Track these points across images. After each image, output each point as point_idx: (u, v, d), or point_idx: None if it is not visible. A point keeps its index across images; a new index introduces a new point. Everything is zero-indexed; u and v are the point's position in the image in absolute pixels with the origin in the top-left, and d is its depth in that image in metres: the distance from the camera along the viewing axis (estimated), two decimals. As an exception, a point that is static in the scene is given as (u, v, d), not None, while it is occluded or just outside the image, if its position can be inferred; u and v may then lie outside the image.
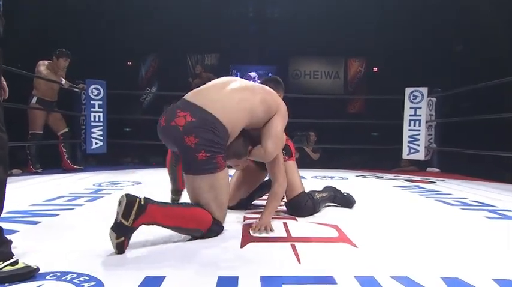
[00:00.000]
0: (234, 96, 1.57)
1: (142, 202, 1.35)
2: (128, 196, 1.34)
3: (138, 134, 7.02)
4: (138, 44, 9.15)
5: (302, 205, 1.98)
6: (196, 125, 1.46)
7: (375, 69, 9.99)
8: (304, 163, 4.90)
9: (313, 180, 3.63)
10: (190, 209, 1.54)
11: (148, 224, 1.38)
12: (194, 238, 1.53)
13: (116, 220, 1.33)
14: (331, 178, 3.91)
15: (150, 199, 1.40)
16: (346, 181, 3.75)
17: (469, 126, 5.52)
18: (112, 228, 1.33)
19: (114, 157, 5.80)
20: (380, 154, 6.03)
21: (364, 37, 8.67)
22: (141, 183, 3.29)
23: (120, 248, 1.34)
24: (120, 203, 1.34)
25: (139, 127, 7.46)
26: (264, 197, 2.47)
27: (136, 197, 1.35)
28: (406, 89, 4.70)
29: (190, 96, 1.59)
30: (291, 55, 10.50)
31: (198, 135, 1.45)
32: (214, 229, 1.55)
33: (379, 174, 4.36)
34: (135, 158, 6.46)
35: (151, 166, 5.10)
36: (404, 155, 4.76)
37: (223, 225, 1.62)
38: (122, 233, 1.32)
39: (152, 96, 9.46)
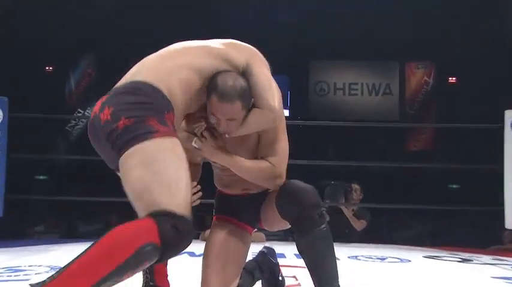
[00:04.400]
0: (170, 57, 1.38)
1: None
2: None
3: (59, 186, 6.13)
4: (65, 39, 6.85)
5: None
6: (109, 97, 1.27)
7: (452, 79, 7.69)
8: (341, 233, 3.61)
9: (351, 262, 2.79)
10: (100, 239, 1.17)
11: None
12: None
13: None
14: (382, 259, 2.93)
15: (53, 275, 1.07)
16: (408, 264, 2.78)
17: None
18: None
19: (18, 225, 5.04)
20: (464, 221, 4.97)
21: (432, 31, 6.57)
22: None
23: None
24: None
25: (62, 173, 6.39)
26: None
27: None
28: (506, 112, 3.57)
29: None
30: (312, 59, 8.03)
31: (112, 104, 1.24)
32: (166, 227, 1.10)
33: (465, 255, 3.27)
34: (52, 226, 5.55)
35: (80, 239, 4.09)
36: (509, 225, 3.65)
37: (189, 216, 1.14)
38: None
39: (86, 123, 7.63)
